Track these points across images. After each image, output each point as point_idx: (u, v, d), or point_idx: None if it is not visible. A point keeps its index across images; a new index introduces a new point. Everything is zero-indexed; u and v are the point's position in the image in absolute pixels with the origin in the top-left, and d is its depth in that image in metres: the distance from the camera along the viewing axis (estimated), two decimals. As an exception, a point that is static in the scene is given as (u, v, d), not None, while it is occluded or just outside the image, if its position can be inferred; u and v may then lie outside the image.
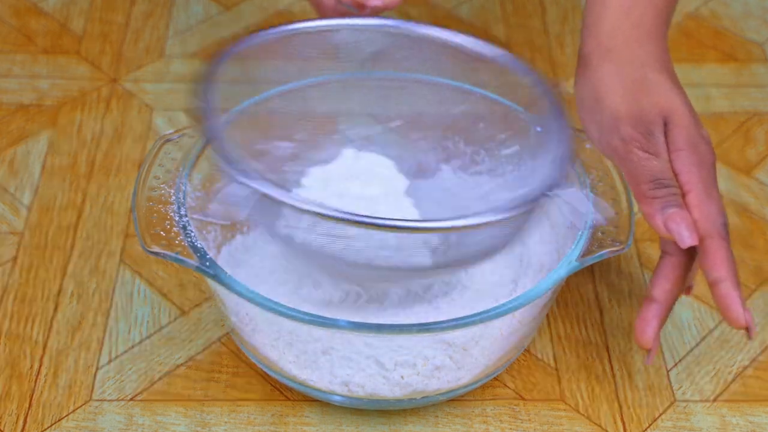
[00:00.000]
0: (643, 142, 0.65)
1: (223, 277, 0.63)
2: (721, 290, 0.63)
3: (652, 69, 0.69)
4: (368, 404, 0.68)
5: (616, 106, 0.67)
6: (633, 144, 0.65)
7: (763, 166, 0.88)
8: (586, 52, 0.70)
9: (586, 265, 0.65)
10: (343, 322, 0.62)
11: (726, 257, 0.64)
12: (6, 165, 0.86)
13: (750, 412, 0.70)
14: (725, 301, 0.63)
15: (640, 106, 0.66)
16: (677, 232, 0.63)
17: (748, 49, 0.99)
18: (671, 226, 0.63)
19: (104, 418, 0.69)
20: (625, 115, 0.66)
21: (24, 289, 0.77)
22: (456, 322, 0.62)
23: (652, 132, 0.66)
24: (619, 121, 0.66)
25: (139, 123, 0.90)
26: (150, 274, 0.78)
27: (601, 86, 0.68)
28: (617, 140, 0.66)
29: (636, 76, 0.68)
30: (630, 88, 0.67)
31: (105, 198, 0.83)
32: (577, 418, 0.70)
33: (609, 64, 0.69)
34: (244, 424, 0.69)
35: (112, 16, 1.01)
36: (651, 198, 0.64)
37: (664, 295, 0.66)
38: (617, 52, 0.69)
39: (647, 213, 0.65)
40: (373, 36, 0.70)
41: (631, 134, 0.66)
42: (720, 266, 0.63)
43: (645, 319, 0.66)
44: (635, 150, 0.65)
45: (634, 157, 0.65)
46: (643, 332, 0.66)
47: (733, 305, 0.63)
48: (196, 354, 0.73)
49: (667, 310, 0.67)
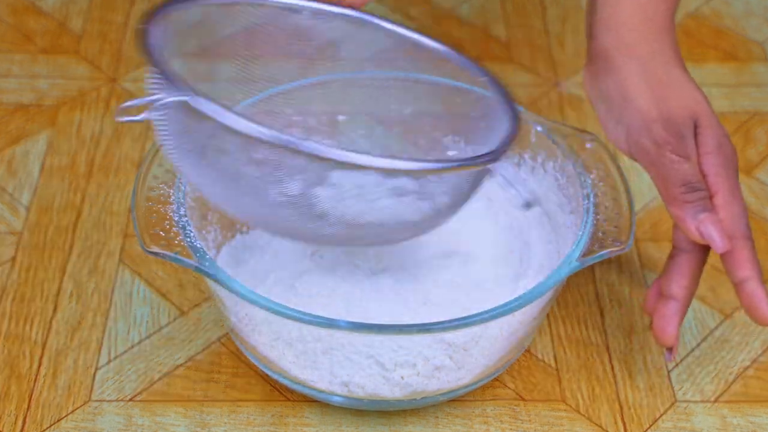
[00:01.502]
0: (675, 144, 0.65)
1: (223, 278, 0.63)
2: (747, 289, 0.64)
3: (674, 66, 0.68)
4: (368, 405, 0.67)
5: (647, 106, 0.66)
6: (666, 147, 0.65)
7: (763, 166, 0.87)
8: (604, 47, 0.69)
9: (587, 265, 0.65)
10: (342, 322, 0.62)
11: (751, 257, 0.64)
12: (5, 165, 0.86)
13: (751, 413, 0.70)
14: (752, 299, 0.64)
15: (670, 108, 0.66)
16: (711, 238, 0.64)
17: (749, 49, 0.99)
18: (704, 231, 0.64)
19: (103, 418, 0.69)
20: (656, 116, 0.66)
21: (23, 290, 0.76)
22: (456, 323, 0.62)
23: (684, 135, 0.65)
24: (650, 122, 0.66)
25: (139, 123, 0.90)
26: (149, 274, 0.78)
27: (629, 85, 0.67)
28: (649, 142, 0.66)
29: (661, 74, 0.67)
30: (658, 88, 0.67)
31: (104, 198, 0.83)
32: (578, 419, 0.69)
33: (633, 61, 0.68)
34: (243, 425, 0.69)
35: (112, 15, 1.01)
36: (683, 202, 0.64)
37: (682, 292, 0.66)
38: (639, 48, 0.68)
39: (679, 216, 0.65)
40: (334, 24, 0.70)
41: (664, 137, 0.65)
42: (746, 266, 0.64)
43: (665, 316, 0.66)
44: (668, 153, 0.65)
45: (666, 161, 0.65)
46: (664, 331, 0.66)
47: (761, 303, 0.64)
48: (195, 354, 0.73)
49: (686, 307, 0.67)
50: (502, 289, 0.70)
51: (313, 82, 0.73)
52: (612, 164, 0.70)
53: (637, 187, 0.85)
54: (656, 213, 0.83)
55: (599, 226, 0.67)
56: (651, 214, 0.83)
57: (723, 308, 0.76)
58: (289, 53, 0.70)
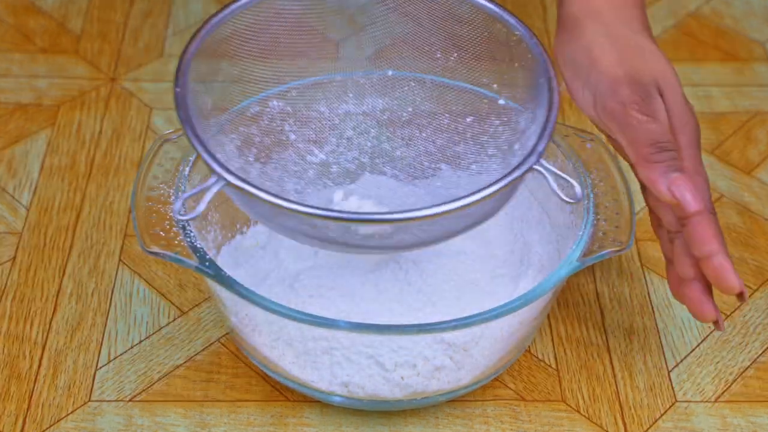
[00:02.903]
0: (642, 104, 0.64)
1: (223, 278, 0.63)
2: (714, 262, 0.63)
3: (643, 35, 0.68)
4: (368, 405, 0.67)
5: (613, 68, 0.66)
6: (632, 107, 0.64)
7: (764, 166, 0.87)
8: (571, 12, 0.69)
9: (587, 265, 0.65)
10: (342, 322, 0.62)
11: (717, 231, 0.63)
12: (4, 165, 0.86)
13: (751, 413, 0.70)
14: (720, 271, 0.63)
15: (636, 69, 0.65)
16: (682, 197, 0.63)
17: (750, 49, 0.99)
18: (676, 191, 0.63)
19: (103, 418, 0.69)
20: (622, 77, 0.65)
21: (23, 290, 0.76)
22: (456, 323, 0.62)
23: (651, 94, 0.65)
24: (616, 83, 0.65)
25: (138, 122, 0.90)
26: (149, 274, 0.78)
27: (595, 48, 0.67)
28: (615, 103, 0.65)
29: (629, 40, 0.67)
30: (625, 52, 0.66)
31: (104, 198, 0.83)
32: (578, 419, 0.69)
33: (601, 26, 0.67)
34: (243, 425, 0.68)
35: (111, 15, 1.01)
36: (653, 162, 0.63)
37: (698, 270, 0.66)
38: (607, 15, 0.68)
39: (649, 178, 0.64)
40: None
41: (630, 96, 0.64)
42: (712, 240, 0.63)
43: (695, 299, 0.66)
44: (634, 113, 0.64)
45: (633, 120, 0.64)
46: (702, 312, 0.66)
47: (728, 274, 0.63)
48: (195, 354, 0.73)
49: (708, 283, 0.66)
50: (502, 289, 0.70)
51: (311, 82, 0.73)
52: (612, 164, 0.70)
53: (638, 187, 0.85)
54: (656, 213, 0.83)
55: (599, 226, 0.67)
56: (651, 214, 0.83)
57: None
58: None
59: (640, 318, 0.76)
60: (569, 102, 0.92)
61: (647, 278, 0.78)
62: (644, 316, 0.76)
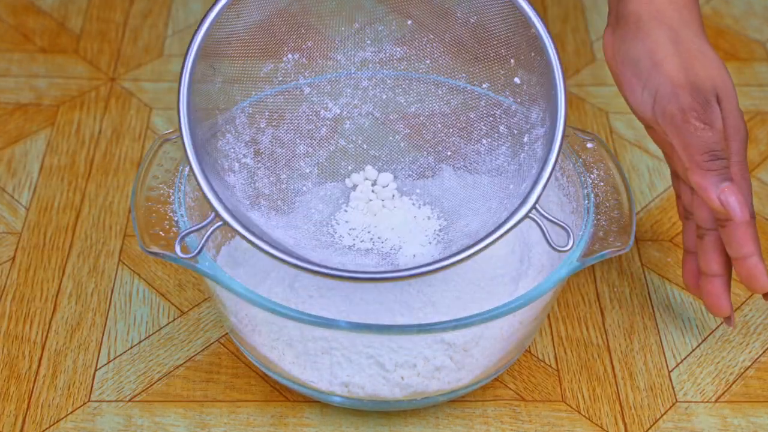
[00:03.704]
0: (700, 112, 0.66)
1: (223, 278, 0.63)
2: (749, 263, 0.67)
3: (702, 38, 0.69)
4: (368, 405, 0.67)
5: (676, 74, 0.67)
6: (692, 114, 0.66)
7: (765, 166, 0.87)
8: (634, 11, 0.69)
9: (588, 265, 0.65)
10: (343, 322, 0.62)
11: (755, 235, 0.67)
12: (4, 165, 0.86)
13: (752, 413, 0.70)
14: (754, 272, 0.67)
15: (697, 76, 0.67)
16: (732, 207, 0.65)
17: (751, 48, 0.99)
18: (725, 200, 0.65)
19: (103, 419, 0.69)
20: (684, 83, 0.67)
21: (22, 290, 0.76)
22: (456, 323, 0.62)
23: (710, 102, 0.67)
24: (678, 89, 0.67)
25: (138, 122, 0.90)
26: (149, 274, 0.78)
27: (659, 51, 0.68)
28: (675, 109, 0.66)
29: (691, 44, 0.68)
30: (687, 58, 0.68)
31: (104, 198, 0.83)
32: (578, 419, 0.69)
33: (666, 29, 0.68)
34: (243, 425, 0.68)
35: (111, 14, 1.01)
36: (705, 170, 0.66)
37: (723, 267, 0.69)
38: (670, 15, 0.69)
39: (701, 185, 0.66)
40: None
41: (690, 104, 0.66)
42: (749, 243, 0.66)
43: (716, 294, 0.69)
44: (693, 120, 0.66)
45: (691, 127, 0.66)
46: (719, 307, 0.70)
47: (762, 276, 0.67)
48: (195, 355, 0.73)
49: (729, 278, 0.70)
50: (502, 289, 0.70)
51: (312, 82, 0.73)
52: (613, 164, 0.70)
53: (638, 187, 0.85)
54: (657, 213, 0.83)
55: (600, 226, 0.67)
56: (652, 214, 0.83)
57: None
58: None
59: (641, 318, 0.76)
60: (570, 102, 0.92)
61: (647, 278, 0.78)
62: (644, 316, 0.76)
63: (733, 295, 0.77)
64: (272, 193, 0.71)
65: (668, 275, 0.78)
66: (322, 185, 0.75)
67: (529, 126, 0.68)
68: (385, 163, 0.75)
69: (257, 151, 0.71)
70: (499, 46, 0.69)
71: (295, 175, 0.74)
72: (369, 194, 0.74)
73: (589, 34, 1.01)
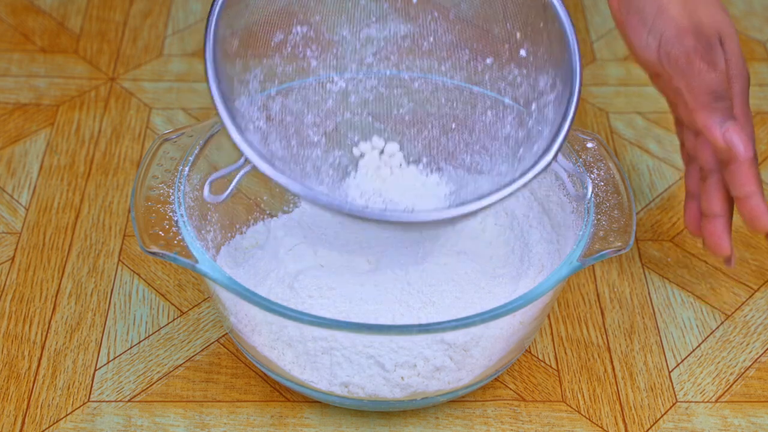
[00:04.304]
0: (704, 53, 0.68)
1: (222, 278, 0.63)
2: (752, 202, 0.68)
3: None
4: (368, 405, 0.67)
5: (680, 18, 0.69)
6: (696, 56, 0.68)
7: (764, 166, 0.87)
8: None
9: (588, 265, 0.65)
10: (343, 322, 0.62)
11: (756, 174, 0.68)
12: (4, 165, 0.86)
13: (752, 413, 0.70)
14: (756, 211, 0.68)
15: (701, 20, 0.69)
16: (735, 144, 0.67)
17: (751, 48, 0.98)
18: (730, 137, 0.67)
19: (102, 419, 0.69)
20: (688, 26, 0.69)
21: (22, 290, 0.76)
22: (456, 323, 0.62)
23: (713, 44, 0.68)
24: (682, 32, 0.69)
25: (138, 122, 0.90)
26: (148, 274, 0.78)
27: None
28: (680, 51, 0.68)
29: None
30: (691, 2, 0.70)
31: (103, 198, 0.83)
32: (579, 419, 0.69)
33: None
34: (243, 425, 0.68)
35: (110, 14, 1.01)
36: (710, 110, 0.67)
37: (725, 208, 0.71)
38: None
39: (705, 124, 0.67)
40: None
41: (694, 46, 0.68)
42: (751, 181, 0.68)
43: (717, 234, 0.71)
44: (698, 62, 0.68)
45: (695, 69, 0.68)
46: (720, 246, 0.71)
47: (763, 215, 0.68)
48: (194, 355, 0.73)
49: (731, 219, 0.71)
50: (502, 289, 0.70)
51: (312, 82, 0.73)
52: (613, 164, 0.70)
53: (638, 187, 0.85)
54: (657, 213, 0.83)
55: (600, 226, 0.67)
56: (652, 214, 0.83)
57: (724, 308, 0.76)
58: None
59: (641, 318, 0.76)
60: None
61: (648, 278, 0.78)
62: (645, 316, 0.76)
63: (733, 295, 0.77)
64: (285, 156, 0.71)
65: (668, 275, 0.78)
66: (330, 153, 0.75)
67: (536, 94, 0.69)
68: (390, 135, 0.76)
69: (268, 117, 0.71)
70: (505, 20, 0.70)
71: (305, 142, 0.74)
72: (377, 162, 0.75)
73: (589, 34, 1.00)
